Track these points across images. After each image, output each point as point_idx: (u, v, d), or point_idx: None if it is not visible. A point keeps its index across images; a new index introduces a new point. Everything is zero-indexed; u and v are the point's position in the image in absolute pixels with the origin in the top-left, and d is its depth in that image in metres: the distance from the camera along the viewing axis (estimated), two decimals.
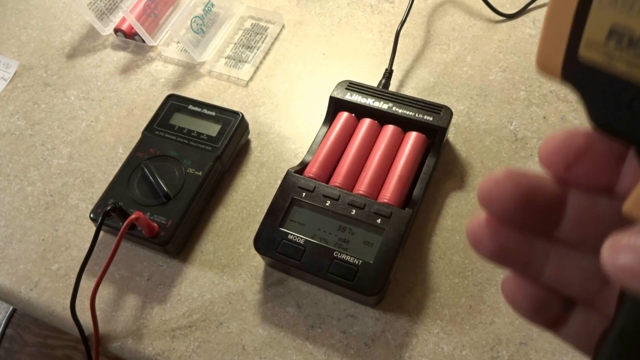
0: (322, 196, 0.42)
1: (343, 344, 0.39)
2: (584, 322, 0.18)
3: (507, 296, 0.18)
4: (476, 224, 0.18)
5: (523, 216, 0.17)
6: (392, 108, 0.46)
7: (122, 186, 0.46)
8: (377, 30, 0.57)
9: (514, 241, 0.17)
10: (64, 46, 0.62)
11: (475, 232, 0.18)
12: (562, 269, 0.17)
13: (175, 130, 0.48)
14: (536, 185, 0.17)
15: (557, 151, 0.16)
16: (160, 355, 0.41)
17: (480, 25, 0.56)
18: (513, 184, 0.16)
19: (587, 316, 0.18)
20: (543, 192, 0.17)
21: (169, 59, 0.58)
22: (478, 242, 0.18)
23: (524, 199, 0.16)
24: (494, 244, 0.17)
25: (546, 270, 0.18)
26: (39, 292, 0.45)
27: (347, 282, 0.38)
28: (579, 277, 0.17)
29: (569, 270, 0.17)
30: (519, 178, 0.16)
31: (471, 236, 0.18)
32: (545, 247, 0.18)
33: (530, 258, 0.18)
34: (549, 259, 0.18)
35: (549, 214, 0.17)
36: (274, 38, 0.58)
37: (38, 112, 0.56)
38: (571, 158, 0.16)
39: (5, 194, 0.51)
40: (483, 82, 0.52)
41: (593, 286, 0.17)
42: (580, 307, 0.18)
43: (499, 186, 0.16)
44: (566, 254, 0.18)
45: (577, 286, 0.18)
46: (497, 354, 0.38)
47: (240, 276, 0.43)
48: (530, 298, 0.18)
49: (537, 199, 0.17)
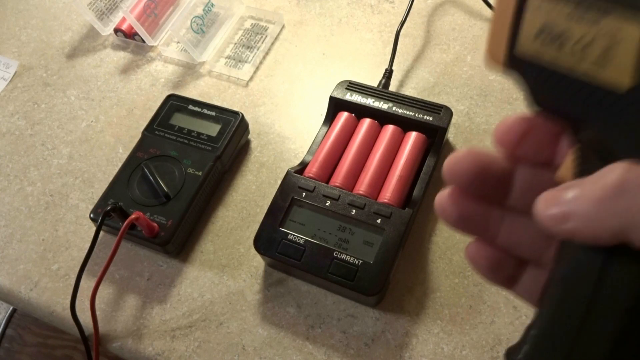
0: (322, 196, 0.42)
1: (343, 344, 0.39)
2: (534, 278, 0.21)
3: (469, 258, 0.22)
4: (442, 196, 0.21)
5: (479, 186, 0.20)
6: (392, 108, 0.46)
7: (122, 186, 0.46)
8: (377, 30, 0.57)
9: (473, 210, 0.21)
10: (64, 46, 0.62)
11: (441, 203, 0.21)
12: (514, 232, 0.21)
13: (175, 130, 0.48)
14: (490, 160, 0.20)
15: (508, 132, 0.20)
16: (160, 355, 0.41)
17: (480, 25, 0.56)
18: (471, 160, 0.20)
19: (536, 274, 0.21)
20: (495, 166, 0.21)
21: (169, 59, 0.58)
22: (444, 210, 0.21)
23: (480, 172, 0.20)
24: (456, 212, 0.21)
25: (500, 234, 0.21)
26: (39, 292, 0.45)
27: (347, 282, 0.38)
28: (527, 239, 0.21)
29: (519, 233, 0.21)
30: (476, 155, 0.20)
31: (438, 206, 0.21)
32: (499, 215, 0.21)
33: (487, 223, 0.21)
34: (502, 224, 0.21)
35: (501, 185, 0.21)
36: (274, 38, 0.58)
37: (38, 112, 0.56)
38: (518, 138, 0.20)
39: (5, 194, 0.51)
40: (483, 82, 0.52)
41: (540, 246, 0.21)
42: (530, 266, 0.21)
43: (460, 162, 0.20)
44: (516, 219, 0.21)
45: (527, 247, 0.21)
46: (497, 354, 0.38)
47: (240, 276, 0.43)
48: (488, 259, 0.21)
49: (491, 171, 0.20)
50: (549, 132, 0.20)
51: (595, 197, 0.15)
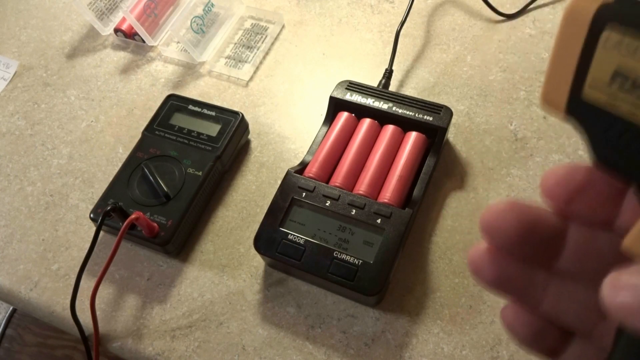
0: (322, 196, 0.42)
1: (343, 344, 0.39)
2: (580, 353, 0.18)
3: (506, 324, 0.19)
4: (477, 252, 0.18)
5: (524, 247, 0.17)
6: (392, 108, 0.46)
7: (122, 186, 0.46)
8: (377, 30, 0.57)
9: (513, 271, 0.18)
10: (64, 46, 0.62)
11: (476, 261, 0.18)
12: (561, 300, 0.18)
13: (175, 130, 0.48)
14: (537, 217, 0.17)
15: (559, 184, 0.17)
16: (160, 355, 0.41)
17: (480, 25, 0.56)
18: (515, 215, 0.17)
19: (583, 348, 0.18)
20: (544, 225, 0.17)
21: (169, 59, 0.58)
22: (479, 270, 0.18)
23: (526, 231, 0.17)
24: (494, 272, 0.18)
25: (545, 301, 0.18)
26: (39, 292, 0.45)
27: (347, 282, 0.38)
28: (576, 309, 0.18)
29: (567, 302, 0.18)
30: (521, 209, 0.17)
31: (472, 264, 0.18)
32: (544, 278, 0.18)
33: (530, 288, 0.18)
34: (547, 290, 0.18)
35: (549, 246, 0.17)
36: (274, 38, 0.58)
37: (38, 112, 0.56)
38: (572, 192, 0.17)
39: (5, 194, 0.51)
40: (483, 82, 0.52)
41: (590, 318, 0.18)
42: (577, 338, 0.18)
43: (500, 217, 0.17)
44: (565, 285, 0.18)
45: (575, 317, 0.18)
46: (497, 354, 0.38)
47: (240, 276, 0.43)
48: (528, 327, 0.18)
49: (538, 231, 0.17)
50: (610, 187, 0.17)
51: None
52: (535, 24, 0.55)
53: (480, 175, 0.46)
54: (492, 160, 0.47)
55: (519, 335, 0.19)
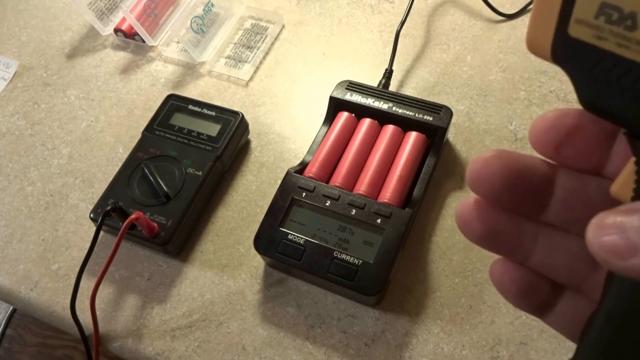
0: (322, 196, 0.42)
1: (343, 344, 0.39)
2: (571, 307, 0.18)
3: (494, 280, 0.18)
4: (465, 206, 0.17)
5: (512, 197, 0.17)
6: (392, 108, 0.46)
7: (122, 186, 0.46)
8: (377, 30, 0.57)
9: (502, 224, 0.17)
10: (64, 46, 0.62)
11: (464, 215, 0.17)
12: (551, 253, 0.17)
13: (175, 130, 0.48)
14: (525, 165, 0.17)
15: (547, 130, 0.16)
16: (160, 355, 0.41)
17: (480, 25, 0.56)
18: (502, 164, 0.16)
19: (574, 302, 0.18)
20: (532, 173, 0.17)
21: (169, 59, 0.58)
22: (467, 225, 0.17)
23: (513, 179, 0.16)
24: (482, 226, 0.17)
25: (534, 254, 0.18)
26: (39, 292, 0.45)
27: (347, 282, 0.38)
28: (567, 261, 0.17)
29: (557, 254, 0.17)
30: (508, 158, 0.16)
31: (460, 219, 0.18)
32: (533, 230, 0.17)
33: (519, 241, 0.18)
34: (537, 242, 0.17)
35: (538, 195, 0.17)
36: (274, 38, 0.58)
37: (38, 112, 0.56)
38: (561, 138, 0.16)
39: (5, 194, 0.51)
40: (483, 82, 0.52)
41: (581, 270, 0.17)
42: (567, 292, 0.18)
43: (487, 166, 0.16)
44: (555, 237, 0.17)
45: (565, 270, 0.17)
46: (497, 354, 0.38)
47: (240, 276, 0.43)
48: (518, 282, 0.18)
49: (526, 179, 0.17)
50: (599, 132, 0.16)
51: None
52: None
53: None
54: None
55: (508, 292, 0.18)
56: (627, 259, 0.13)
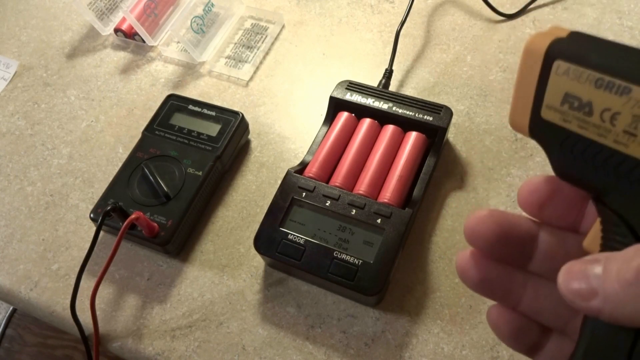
0: (322, 196, 0.42)
1: (343, 344, 0.39)
2: (558, 348, 0.20)
3: (490, 323, 0.21)
4: (463, 257, 0.21)
5: (502, 249, 0.20)
6: (392, 108, 0.46)
7: (122, 186, 0.46)
8: (377, 30, 0.57)
9: (495, 273, 0.20)
10: (64, 46, 0.62)
11: (462, 264, 0.21)
12: (537, 298, 0.20)
13: (175, 130, 0.48)
14: (512, 222, 0.20)
15: (532, 193, 0.20)
16: (160, 355, 0.41)
17: (480, 25, 0.56)
18: (493, 221, 0.20)
19: (560, 343, 0.20)
20: (518, 229, 0.20)
21: (169, 59, 0.58)
22: (465, 273, 0.21)
23: (502, 234, 0.20)
24: (478, 274, 0.20)
25: (523, 299, 0.20)
26: (39, 292, 0.45)
27: (347, 282, 0.38)
28: (551, 306, 0.20)
29: (543, 300, 0.20)
30: (498, 216, 0.20)
31: (459, 268, 0.21)
32: (522, 279, 0.20)
33: (509, 288, 0.20)
34: (525, 289, 0.20)
35: (524, 248, 0.20)
36: (274, 38, 0.58)
37: (38, 112, 0.56)
38: (543, 200, 0.19)
39: (5, 194, 0.51)
40: (483, 82, 0.52)
41: (564, 314, 0.20)
42: (555, 334, 0.20)
43: (481, 223, 0.20)
44: (541, 285, 0.20)
45: (551, 314, 0.20)
46: (497, 354, 0.38)
47: (240, 276, 0.43)
48: (510, 325, 0.20)
49: (514, 234, 0.20)
50: (575, 196, 0.19)
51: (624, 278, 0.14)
52: (535, 24, 0.55)
53: (480, 175, 0.46)
54: (492, 160, 0.47)
55: (502, 333, 0.21)
56: (589, 301, 0.15)
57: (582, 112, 0.16)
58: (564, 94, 0.17)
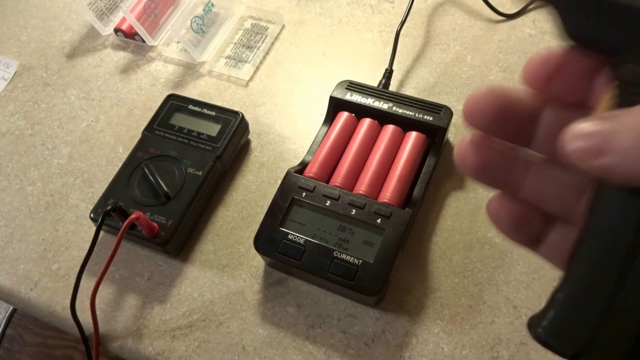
0: (322, 196, 0.42)
1: (343, 344, 0.39)
2: (562, 238, 0.19)
3: (490, 213, 0.20)
4: (462, 144, 0.19)
5: (502, 126, 0.19)
6: (392, 108, 0.46)
7: (122, 186, 0.46)
8: (377, 30, 0.57)
9: (495, 157, 0.19)
10: (64, 46, 0.62)
11: (461, 151, 0.19)
12: (540, 182, 0.19)
13: (175, 130, 0.48)
14: (514, 98, 0.19)
15: (538, 68, 0.18)
16: (160, 355, 0.41)
17: (480, 25, 0.56)
18: (493, 98, 0.18)
19: (565, 232, 0.19)
20: (520, 106, 0.19)
21: (169, 59, 0.58)
22: (464, 159, 0.19)
23: (502, 112, 0.18)
24: (477, 160, 0.19)
25: (525, 185, 0.19)
26: (39, 292, 0.45)
27: (347, 282, 0.38)
28: (555, 191, 0.19)
29: (546, 184, 0.19)
30: (499, 92, 0.18)
31: (458, 154, 0.19)
32: (524, 163, 0.19)
33: (510, 173, 0.19)
34: (527, 174, 0.19)
35: (526, 128, 0.19)
36: (274, 38, 0.58)
37: (38, 112, 0.56)
38: (550, 72, 0.18)
39: (5, 194, 0.51)
40: (483, 82, 0.52)
41: (569, 199, 0.19)
42: (558, 224, 0.19)
43: (481, 100, 0.18)
44: (543, 168, 0.19)
45: (554, 200, 0.19)
46: (497, 353, 0.38)
47: (240, 276, 0.43)
48: (511, 214, 0.19)
49: (515, 111, 0.19)
50: (583, 68, 0.18)
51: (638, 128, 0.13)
52: (535, 24, 0.55)
53: None
54: None
55: (502, 223, 0.20)
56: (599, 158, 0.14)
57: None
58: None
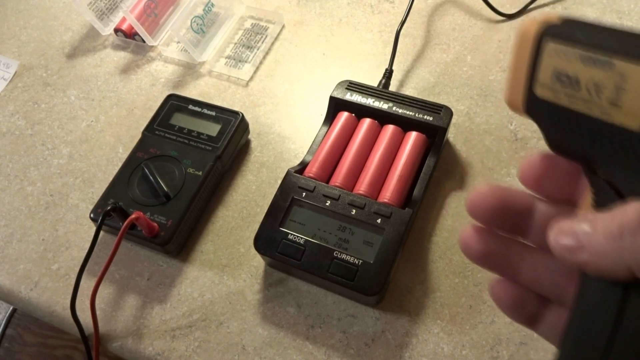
0: (322, 196, 0.42)
1: (343, 344, 0.39)
2: (557, 318, 0.21)
3: (492, 295, 0.22)
4: (466, 232, 0.22)
5: (501, 221, 0.22)
6: (392, 108, 0.46)
7: (122, 186, 0.46)
8: (377, 30, 0.57)
9: (495, 246, 0.22)
10: (64, 46, 0.62)
11: (465, 239, 0.22)
12: (535, 269, 0.22)
13: (176, 130, 0.48)
14: (511, 196, 0.21)
15: (530, 169, 0.21)
16: (160, 355, 0.41)
17: (480, 25, 0.56)
18: (493, 195, 0.21)
19: (559, 313, 0.21)
20: (517, 202, 0.22)
21: (169, 58, 0.58)
22: (468, 246, 0.22)
23: (501, 207, 0.21)
24: (480, 247, 0.22)
25: (522, 270, 0.22)
26: (39, 292, 0.45)
27: (347, 282, 0.38)
28: (549, 276, 0.21)
29: (541, 270, 0.21)
30: (498, 190, 0.21)
31: (462, 242, 0.22)
32: (521, 250, 0.22)
33: (509, 259, 0.22)
34: (524, 261, 0.22)
35: (522, 220, 0.22)
36: (274, 38, 0.58)
37: (38, 112, 0.56)
38: (540, 174, 0.21)
39: (5, 194, 0.51)
40: (483, 82, 0.52)
41: (561, 283, 0.21)
42: (553, 306, 0.22)
43: (482, 197, 0.21)
44: (538, 256, 0.22)
45: (548, 284, 0.21)
46: (497, 353, 0.38)
47: (240, 276, 0.43)
48: (511, 297, 0.22)
49: (512, 207, 0.21)
50: (569, 170, 0.21)
51: (609, 232, 0.16)
52: None
53: (480, 175, 0.46)
54: (492, 160, 0.47)
55: (503, 303, 0.22)
56: (577, 255, 0.16)
57: (571, 87, 0.17)
58: (554, 72, 0.18)
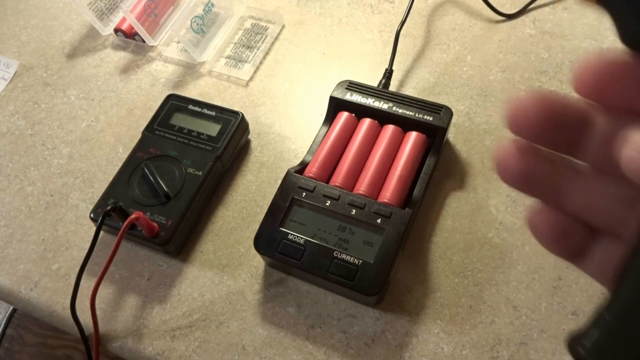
0: (322, 196, 0.42)
1: (343, 344, 0.39)
2: (608, 252, 0.17)
3: (530, 225, 0.18)
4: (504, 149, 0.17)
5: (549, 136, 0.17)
6: (392, 108, 0.46)
7: (122, 186, 0.46)
8: (377, 30, 0.57)
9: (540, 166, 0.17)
10: (64, 46, 0.62)
11: (502, 157, 0.17)
12: (587, 195, 0.17)
13: (176, 130, 0.48)
14: (563, 105, 0.16)
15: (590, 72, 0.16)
16: (160, 355, 0.41)
17: (480, 25, 0.56)
18: (541, 103, 0.16)
19: (611, 247, 0.17)
20: (570, 112, 0.17)
21: (169, 58, 0.58)
22: (506, 168, 0.17)
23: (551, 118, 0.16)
24: (520, 167, 0.17)
25: (571, 197, 0.17)
26: (39, 292, 0.45)
27: (347, 282, 0.38)
28: (604, 203, 0.17)
29: (594, 196, 0.17)
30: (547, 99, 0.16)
31: (499, 161, 0.17)
32: (570, 173, 0.17)
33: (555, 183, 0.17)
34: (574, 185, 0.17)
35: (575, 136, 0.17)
36: (274, 38, 0.58)
37: (38, 112, 0.56)
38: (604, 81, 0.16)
39: (5, 194, 0.51)
40: (483, 82, 0.52)
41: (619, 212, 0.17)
42: (604, 237, 0.18)
43: (527, 107, 0.16)
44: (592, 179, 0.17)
45: (604, 213, 0.17)
46: (497, 353, 0.38)
47: (240, 276, 0.43)
48: (553, 226, 0.18)
49: (564, 118, 0.16)
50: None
51: None
52: (535, 24, 0.55)
53: (480, 175, 0.46)
54: (492, 160, 0.47)
55: (543, 236, 0.18)
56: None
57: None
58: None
